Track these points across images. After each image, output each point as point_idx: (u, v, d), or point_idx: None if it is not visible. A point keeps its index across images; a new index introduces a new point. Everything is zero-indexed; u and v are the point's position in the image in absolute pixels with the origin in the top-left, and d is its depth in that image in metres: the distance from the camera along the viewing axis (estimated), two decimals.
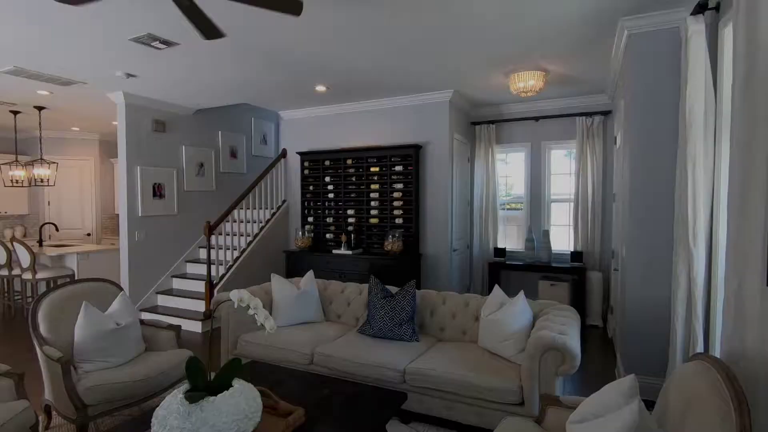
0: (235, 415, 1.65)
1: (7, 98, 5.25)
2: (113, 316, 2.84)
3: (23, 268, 5.37)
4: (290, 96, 5.28)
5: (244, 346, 3.34)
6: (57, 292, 2.84)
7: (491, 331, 2.87)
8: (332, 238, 5.71)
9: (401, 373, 2.74)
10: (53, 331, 2.67)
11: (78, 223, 8.07)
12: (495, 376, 2.52)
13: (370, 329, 3.24)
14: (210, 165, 6.21)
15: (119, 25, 3.14)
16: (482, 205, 5.86)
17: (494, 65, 4.09)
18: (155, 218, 5.48)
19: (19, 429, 2.08)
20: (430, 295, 3.44)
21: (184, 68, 4.13)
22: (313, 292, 3.70)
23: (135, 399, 2.63)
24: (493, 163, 5.76)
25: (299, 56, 3.83)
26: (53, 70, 4.16)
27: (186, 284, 5.58)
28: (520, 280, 5.78)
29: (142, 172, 5.28)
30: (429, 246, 5.30)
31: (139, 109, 5.25)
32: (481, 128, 5.80)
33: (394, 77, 4.48)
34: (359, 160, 5.50)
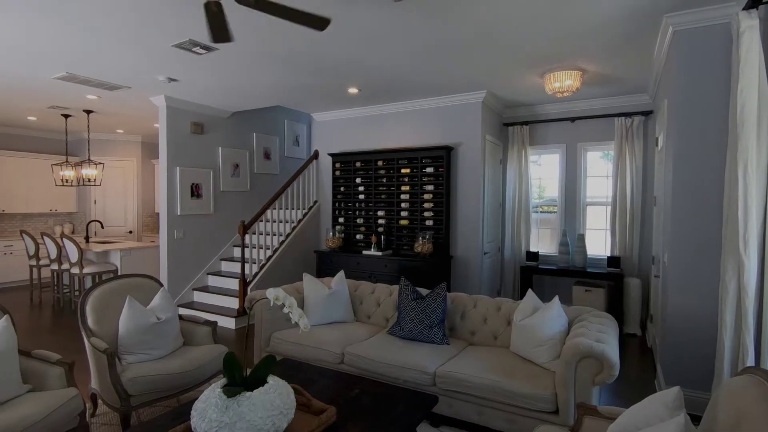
0: (271, 411, 1.68)
1: (59, 102, 5.57)
2: (154, 310, 2.96)
3: (71, 262, 5.68)
4: (323, 98, 5.35)
5: (276, 343, 3.41)
6: (103, 286, 2.99)
7: (524, 336, 2.81)
8: (362, 238, 5.75)
9: (431, 376, 2.73)
10: (100, 323, 2.81)
11: (121, 220, 8.46)
12: (528, 382, 2.47)
13: (400, 330, 3.24)
14: (245, 166, 6.38)
15: (163, 32, 3.28)
16: (514, 207, 5.76)
17: (529, 65, 4.01)
18: (193, 217, 5.67)
19: (68, 415, 2.20)
20: (461, 298, 3.41)
21: (221, 72, 4.26)
22: (343, 292, 3.74)
23: (173, 391, 2.73)
24: (526, 165, 5.65)
25: (332, 59, 3.88)
26: (101, 76, 4.38)
27: (221, 282, 5.75)
28: (552, 285, 5.64)
29: (181, 173, 5.48)
30: (459, 248, 5.25)
31: (179, 112, 5.45)
32: (514, 129, 5.70)
33: (426, 78, 4.47)
34: (390, 161, 5.52)
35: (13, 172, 7.41)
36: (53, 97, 5.29)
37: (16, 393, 2.22)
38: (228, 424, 1.62)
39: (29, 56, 3.80)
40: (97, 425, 2.75)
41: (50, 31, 3.24)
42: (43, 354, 2.44)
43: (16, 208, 7.46)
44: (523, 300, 3.01)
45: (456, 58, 3.83)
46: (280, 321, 3.57)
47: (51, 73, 4.29)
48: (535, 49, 3.61)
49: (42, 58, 3.83)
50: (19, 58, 3.85)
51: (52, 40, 3.41)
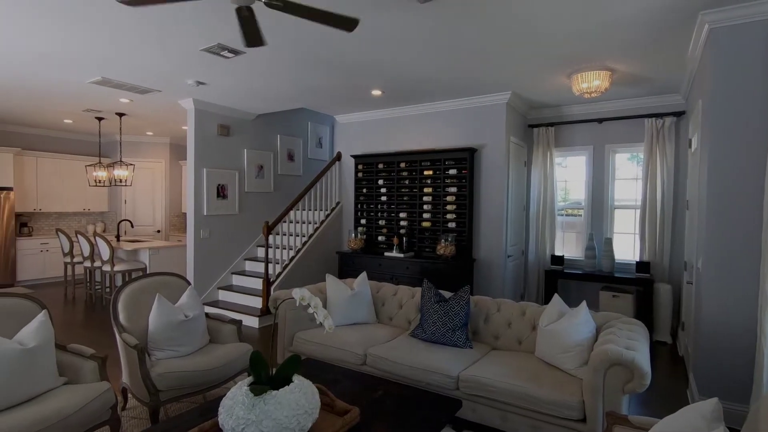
0: (296, 410, 1.70)
1: (94, 106, 5.78)
2: (182, 308, 3.03)
3: (103, 260, 5.88)
4: (346, 100, 5.39)
5: (299, 343, 3.45)
6: (134, 284, 3.08)
7: (550, 341, 2.76)
8: (384, 240, 5.75)
9: (455, 380, 2.70)
10: (130, 319, 2.89)
11: (149, 220, 8.71)
12: (554, 389, 2.42)
13: (422, 333, 3.23)
14: (269, 167, 6.48)
15: (193, 37, 3.36)
16: (539, 210, 5.66)
17: (556, 66, 3.94)
18: (218, 217, 5.79)
19: (101, 408, 2.27)
20: (485, 302, 3.37)
21: (248, 75, 4.35)
22: (366, 294, 3.74)
23: (200, 388, 2.78)
24: (551, 167, 5.55)
25: (357, 61, 3.90)
26: (134, 80, 4.53)
27: (245, 281, 5.85)
28: (578, 289, 5.51)
29: (208, 174, 5.61)
30: (482, 251, 5.20)
31: (206, 115, 5.58)
32: (539, 131, 5.61)
33: (450, 80, 4.45)
34: (413, 163, 5.51)
35: (50, 172, 7.73)
36: (88, 101, 5.50)
37: (53, 385, 2.31)
38: (254, 421, 1.64)
39: (67, 62, 3.96)
40: (127, 419, 2.83)
41: (86, 37, 3.37)
42: (78, 348, 2.53)
43: (52, 207, 7.78)
44: (549, 305, 2.95)
45: (481, 59, 3.80)
46: (304, 321, 3.61)
47: (87, 78, 4.46)
48: (563, 50, 3.55)
49: (78, 63, 3.99)
50: (58, 64, 4.02)
51: (88, 46, 3.55)
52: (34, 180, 7.54)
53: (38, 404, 2.13)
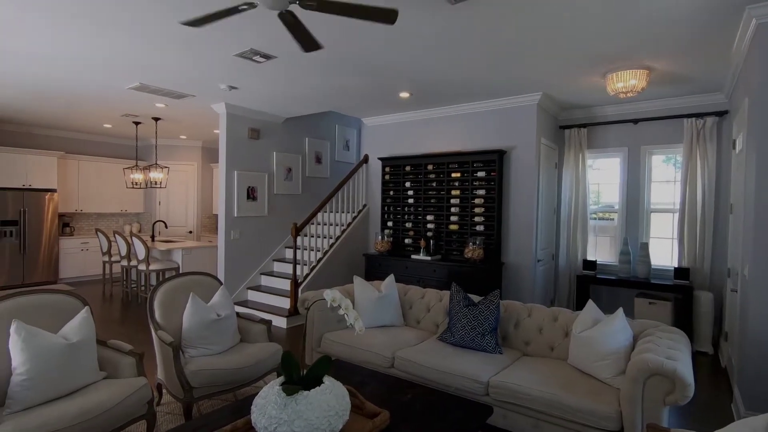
0: (327, 411, 1.70)
1: (132, 111, 6.01)
2: (215, 307, 3.10)
3: (139, 259, 6.09)
4: (374, 103, 5.41)
5: (327, 344, 3.47)
6: (169, 282, 3.17)
7: (584, 349, 2.67)
8: (411, 243, 5.73)
9: (484, 386, 2.66)
10: (166, 317, 2.98)
11: (182, 221, 8.98)
12: (589, 398, 2.34)
13: (451, 337, 3.19)
14: (297, 170, 6.57)
15: (227, 43, 3.45)
16: (570, 213, 5.52)
17: (591, 65, 3.84)
18: (248, 219, 5.91)
19: (139, 402, 2.34)
20: (515, 307, 3.30)
21: (278, 79, 4.42)
22: (393, 296, 3.73)
23: (230, 386, 2.84)
24: (583, 169, 5.40)
25: (386, 63, 3.91)
26: (169, 85, 4.68)
27: (273, 281, 5.94)
28: (612, 296, 5.34)
29: (239, 176, 5.73)
30: (511, 255, 5.10)
31: (237, 119, 5.72)
32: (571, 132, 5.47)
33: (479, 81, 4.40)
34: (440, 165, 5.47)
35: (90, 175, 8.08)
36: (126, 106, 5.72)
37: (95, 379, 2.40)
38: (286, 421, 1.65)
39: (107, 68, 4.13)
40: (162, 414, 2.91)
41: (126, 45, 3.50)
42: (117, 344, 2.62)
43: (91, 208, 8.13)
44: (583, 311, 2.87)
45: (512, 60, 3.74)
46: (331, 322, 3.63)
47: (126, 84, 4.64)
48: (598, 48, 3.45)
49: (118, 70, 4.15)
50: (99, 71, 4.20)
51: (128, 53, 3.69)
52: (75, 182, 7.91)
53: (81, 396, 2.22)
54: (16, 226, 6.98)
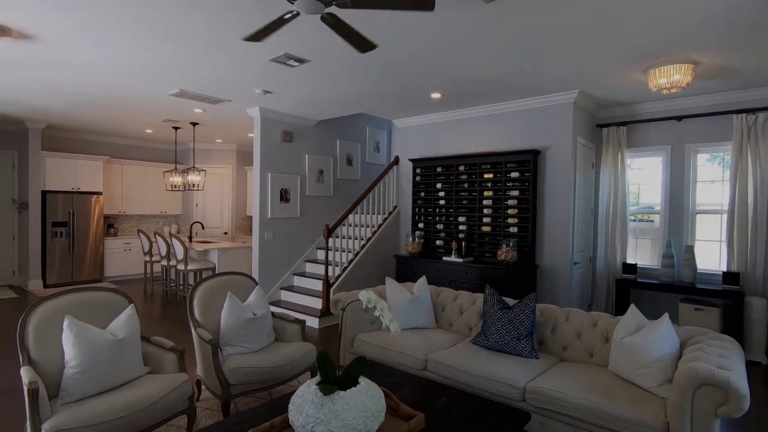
0: (363, 411, 1.71)
1: (172, 116, 6.25)
2: (251, 306, 3.17)
3: (178, 259, 6.31)
4: (405, 104, 5.40)
5: (359, 345, 3.48)
6: (207, 282, 3.26)
7: (627, 355, 2.57)
8: (442, 244, 5.69)
9: (521, 391, 2.59)
10: (204, 315, 3.07)
11: (218, 222, 9.26)
12: (633, 407, 2.24)
13: (485, 340, 3.13)
14: (328, 172, 6.65)
15: (263, 48, 3.53)
16: (608, 215, 5.32)
17: (631, 61, 3.70)
18: (281, 220, 6.03)
19: (181, 397, 2.42)
20: (552, 311, 3.21)
21: (311, 83, 4.49)
22: (425, 298, 3.71)
23: (266, 384, 2.89)
24: (622, 169, 5.20)
25: (418, 65, 3.89)
26: (207, 91, 4.84)
27: (305, 282, 6.03)
28: (654, 301, 5.11)
29: (272, 179, 5.86)
30: (546, 257, 4.97)
31: (271, 122, 5.84)
32: (609, 131, 5.28)
33: (514, 80, 4.32)
34: (472, 166, 5.40)
35: (133, 178, 8.46)
36: (167, 112, 5.95)
37: (139, 374, 2.50)
38: (323, 420, 1.67)
39: (150, 77, 4.31)
40: (201, 409, 3.00)
41: (167, 53, 3.64)
42: (160, 341, 2.72)
43: (133, 210, 8.50)
44: (625, 316, 2.76)
45: (548, 57, 3.65)
46: (364, 323, 3.64)
47: (167, 90, 4.83)
48: (640, 43, 3.32)
49: (160, 77, 4.33)
50: (142, 79, 4.39)
51: (168, 61, 3.84)
52: (119, 185, 8.29)
53: (128, 390, 2.31)
54: (65, 227, 7.38)
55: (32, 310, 2.39)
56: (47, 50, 3.61)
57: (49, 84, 4.63)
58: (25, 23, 3.09)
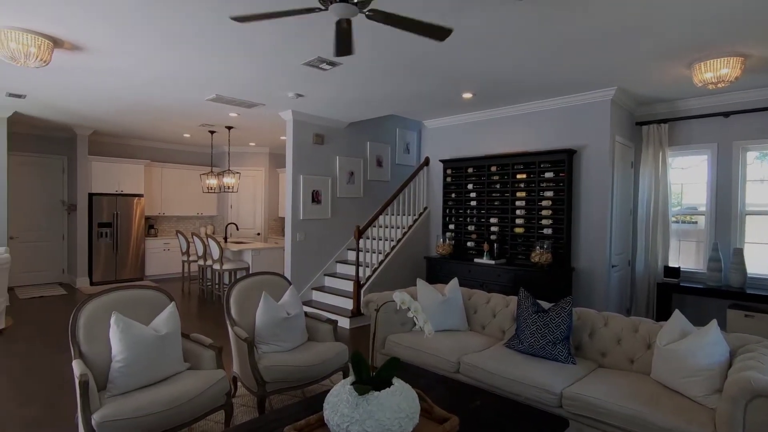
0: (397, 413, 1.71)
1: (208, 121, 6.46)
2: (285, 306, 3.23)
3: (214, 259, 6.51)
4: (435, 105, 5.38)
5: (391, 346, 3.48)
6: (243, 281, 3.35)
7: (671, 363, 2.45)
8: (474, 246, 5.62)
9: (557, 397, 2.53)
10: (240, 314, 3.15)
11: (251, 223, 9.49)
12: (678, 417, 2.14)
13: (519, 344, 3.07)
14: (359, 173, 6.69)
15: (296, 52, 3.60)
16: (648, 216, 5.11)
17: (674, 55, 3.54)
18: (313, 221, 6.11)
19: (219, 393, 2.49)
20: (589, 315, 3.12)
21: (342, 85, 4.54)
22: (457, 300, 3.67)
23: (299, 383, 2.93)
24: (664, 168, 4.98)
25: (449, 65, 3.87)
26: (242, 96, 4.97)
27: (336, 282, 6.09)
28: (698, 306, 4.87)
29: (304, 180, 5.95)
30: (582, 260, 4.83)
31: (303, 125, 5.94)
32: (650, 128, 5.08)
33: (548, 78, 4.22)
34: (504, 167, 5.31)
35: (171, 181, 8.79)
36: (204, 116, 6.16)
37: (180, 369, 2.59)
38: (358, 420, 1.68)
39: (188, 83, 4.47)
40: (237, 406, 3.08)
41: (204, 60, 3.77)
42: (199, 338, 2.81)
43: (172, 211, 8.83)
44: (669, 321, 2.64)
45: (584, 54, 3.55)
46: (395, 324, 3.64)
47: (204, 96, 4.99)
48: (683, 36, 3.18)
49: (198, 83, 4.48)
50: (181, 85, 4.56)
51: (206, 68, 3.97)
52: (159, 187, 8.64)
53: (169, 385, 2.40)
54: (110, 227, 7.76)
55: (82, 306, 2.53)
56: (95, 60, 3.81)
57: (96, 92, 4.88)
58: (76, 36, 3.27)
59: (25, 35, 3.19)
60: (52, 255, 7.73)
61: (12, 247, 7.25)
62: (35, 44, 3.24)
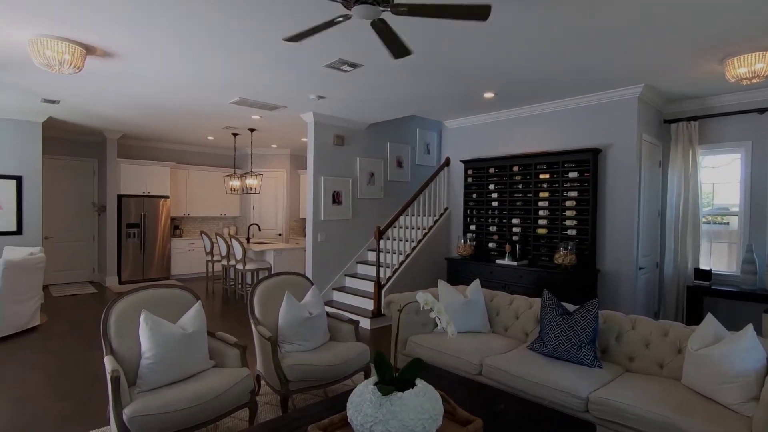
0: (421, 414, 1.70)
1: (231, 123, 6.59)
2: (307, 306, 3.26)
3: (237, 259, 6.63)
4: (457, 105, 5.34)
5: (412, 346, 3.47)
6: (266, 281, 3.40)
7: (704, 368, 2.37)
8: (495, 247, 5.56)
9: (583, 401, 2.47)
10: (263, 313, 3.20)
11: (273, 224, 9.62)
12: (711, 425, 2.07)
13: (543, 347, 3.02)
14: (379, 174, 6.71)
15: (318, 55, 3.63)
16: (678, 216, 4.96)
17: (704, 51, 3.43)
18: (333, 222, 6.16)
19: (243, 391, 2.54)
20: (616, 318, 3.04)
21: (363, 87, 4.56)
22: (479, 301, 3.64)
23: (321, 382, 2.95)
24: (694, 167, 4.82)
25: (471, 65, 3.84)
26: (265, 98, 5.05)
27: (356, 283, 6.11)
28: (731, 310, 4.69)
29: (325, 182, 6.00)
30: (607, 261, 4.71)
31: (324, 127, 5.99)
32: (679, 126, 4.92)
33: (572, 77, 4.14)
34: (527, 166, 5.24)
35: (196, 182, 9.00)
36: (227, 119, 6.28)
37: (206, 367, 2.65)
38: (382, 420, 1.68)
39: (213, 86, 4.57)
40: (260, 404, 3.12)
41: (228, 64, 3.84)
42: (224, 336, 2.87)
43: (197, 212, 9.03)
44: (702, 325, 2.55)
45: (610, 51, 3.47)
46: (416, 325, 3.63)
47: (228, 99, 5.09)
48: (714, 31, 3.07)
49: (222, 87, 4.57)
50: (206, 89, 4.66)
51: (230, 72, 4.05)
52: (184, 189, 8.85)
53: (196, 382, 2.46)
54: (138, 228, 7.99)
55: (113, 304, 2.61)
56: (125, 65, 3.93)
57: (125, 96, 5.04)
58: (107, 42, 3.39)
59: (60, 43, 3.32)
60: (84, 255, 8.01)
61: (46, 247, 7.54)
62: (69, 51, 3.37)
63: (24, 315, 4.84)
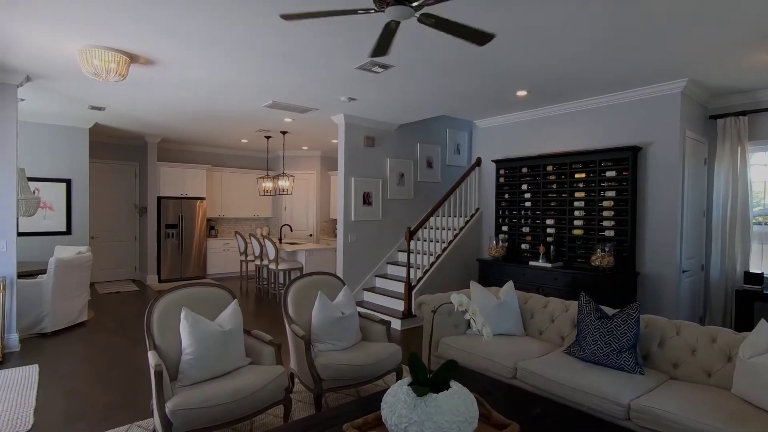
0: (456, 416, 1.68)
1: (264, 126, 6.74)
2: (339, 305, 3.29)
3: (270, 259, 6.77)
4: (488, 104, 5.27)
5: (444, 348, 3.45)
6: (299, 281, 3.45)
7: (757, 378, 2.24)
8: (528, 248, 5.44)
9: (624, 409, 2.38)
10: (297, 313, 3.25)
11: (304, 225, 9.77)
12: None
13: (580, 351, 2.93)
14: (409, 175, 6.70)
15: (350, 57, 3.67)
16: (725, 217, 4.70)
17: (754, 40, 3.24)
18: (364, 223, 6.19)
19: (278, 388, 2.59)
20: (658, 323, 2.91)
21: (394, 88, 4.56)
22: (513, 304, 3.57)
23: (353, 382, 2.97)
24: (743, 165, 4.56)
25: (503, 63, 3.78)
26: (297, 101, 5.14)
27: (387, 284, 6.12)
28: None
29: (356, 183, 6.05)
30: (648, 264, 4.53)
31: (354, 128, 6.04)
32: (726, 122, 4.67)
33: (610, 72, 4.01)
34: (561, 166, 5.10)
35: (230, 184, 9.26)
36: (260, 122, 6.43)
37: (242, 364, 2.72)
38: (417, 422, 1.67)
39: (247, 91, 4.69)
40: (294, 402, 3.17)
41: (261, 68, 3.94)
42: (259, 334, 2.93)
43: (231, 213, 9.29)
44: (754, 332, 2.41)
45: (649, 44, 3.33)
46: (447, 327, 3.60)
47: (261, 103, 5.22)
48: (763, 21, 2.90)
49: (255, 91, 4.69)
50: (241, 93, 4.79)
51: (264, 76, 4.14)
52: (219, 191, 9.12)
53: (233, 378, 2.52)
54: (176, 228, 8.29)
55: (155, 302, 2.71)
56: (165, 72, 4.10)
57: (165, 102, 5.25)
58: (149, 50, 3.54)
59: (106, 52, 3.49)
60: (126, 254, 8.39)
61: (92, 246, 7.94)
62: (114, 60, 3.54)
63: (73, 311, 5.12)
